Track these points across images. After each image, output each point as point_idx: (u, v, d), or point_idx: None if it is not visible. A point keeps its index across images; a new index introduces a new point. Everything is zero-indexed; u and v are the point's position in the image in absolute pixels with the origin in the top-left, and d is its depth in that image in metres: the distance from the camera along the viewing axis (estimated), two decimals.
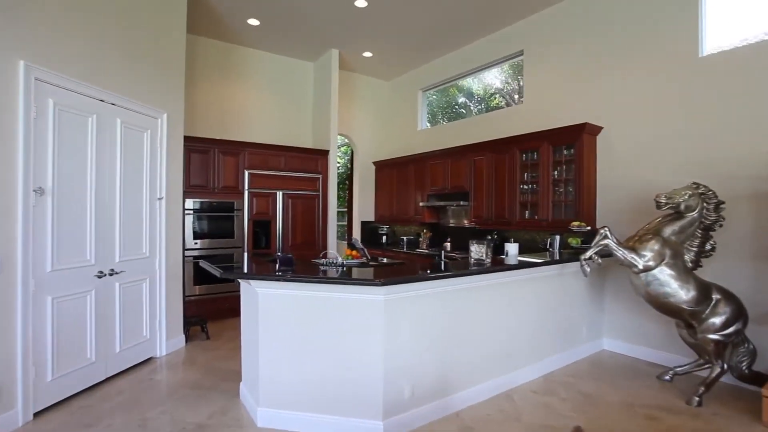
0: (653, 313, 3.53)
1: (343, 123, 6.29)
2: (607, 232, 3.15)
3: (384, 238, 6.67)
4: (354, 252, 4.22)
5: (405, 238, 6.12)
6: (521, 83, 6.50)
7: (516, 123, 4.86)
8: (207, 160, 4.79)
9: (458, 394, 2.70)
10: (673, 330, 3.40)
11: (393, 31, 5.10)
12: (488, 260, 2.80)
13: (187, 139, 4.20)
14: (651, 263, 2.87)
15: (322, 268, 2.69)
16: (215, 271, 2.26)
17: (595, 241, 3.13)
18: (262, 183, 5.18)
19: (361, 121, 6.74)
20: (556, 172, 4.20)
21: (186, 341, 3.90)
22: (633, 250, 2.93)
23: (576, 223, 3.68)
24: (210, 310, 4.70)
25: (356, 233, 6.86)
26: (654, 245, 2.89)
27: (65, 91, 2.65)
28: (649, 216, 3.56)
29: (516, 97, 6.10)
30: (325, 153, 5.68)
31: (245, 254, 4.90)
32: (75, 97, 2.73)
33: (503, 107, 5.90)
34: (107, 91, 3.00)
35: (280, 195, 5.31)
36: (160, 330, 3.55)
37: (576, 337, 3.67)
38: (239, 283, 2.75)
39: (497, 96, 6.35)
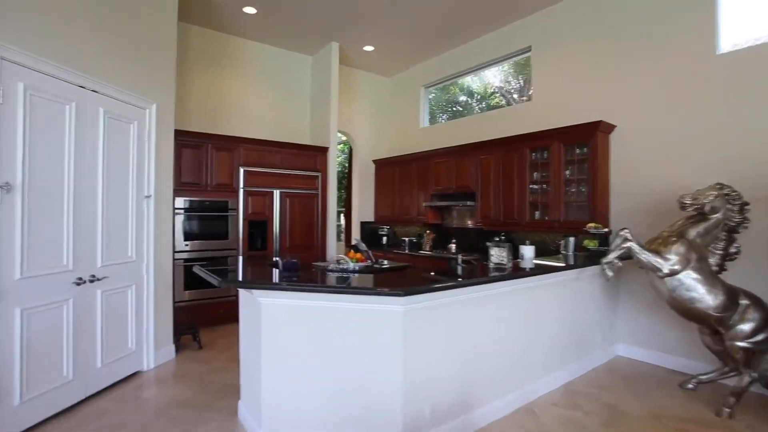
0: (671, 318, 3.37)
1: (342, 120, 6.02)
2: (627, 234, 2.97)
3: (384, 239, 6.42)
4: (358, 255, 3.97)
5: (407, 239, 5.88)
6: (522, 82, 6.35)
7: (524, 121, 4.66)
8: (199, 156, 4.49)
9: (479, 410, 2.46)
10: (692, 335, 3.24)
11: (397, 24, 4.86)
12: (509, 264, 2.57)
13: (178, 133, 3.90)
14: (677, 267, 2.70)
15: (331, 273, 2.43)
16: (212, 280, 1.99)
17: (615, 244, 2.97)
18: (258, 181, 4.89)
19: (361, 118, 6.48)
20: (568, 172, 4.00)
21: (176, 352, 3.60)
22: (657, 253, 2.76)
23: (592, 225, 3.48)
24: (202, 316, 4.40)
25: (355, 234, 6.59)
26: (679, 248, 2.71)
27: (39, 74, 2.35)
28: (665, 217, 3.40)
29: (515, 96, 5.93)
30: (324, 150, 5.41)
31: (240, 258, 4.60)
32: (51, 81, 2.43)
33: (503, 106, 5.70)
34: (89, 76, 2.70)
35: (277, 194, 5.03)
36: (148, 341, 3.25)
37: (592, 343, 3.48)
38: (237, 289, 2.47)
39: (497, 95, 6.14)
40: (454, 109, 6.68)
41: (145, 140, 3.27)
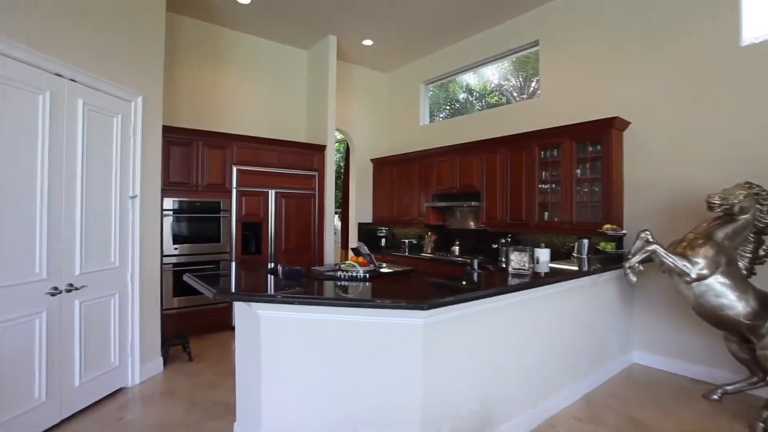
0: (691, 323, 3.21)
1: (338, 117, 5.77)
2: (649, 236, 2.79)
3: (383, 241, 6.19)
4: (360, 258, 3.73)
5: (407, 241, 5.66)
6: (522, 79, 6.18)
7: (530, 118, 4.47)
8: (189, 154, 4.22)
9: (499, 429, 2.25)
10: (714, 342, 3.08)
11: (397, 17, 4.64)
12: (530, 270, 2.36)
13: (166, 129, 3.63)
14: (705, 271, 2.53)
15: (338, 282, 2.19)
16: (206, 291, 1.74)
17: (636, 247, 2.80)
18: (253, 180, 4.63)
19: (358, 116, 6.25)
20: (579, 170, 3.82)
21: (164, 365, 3.33)
22: (684, 256, 2.58)
23: (609, 227, 3.29)
24: (192, 324, 4.12)
25: (353, 236, 6.35)
26: (708, 251, 2.54)
27: (5, 58, 2.08)
28: (682, 218, 3.25)
29: (515, 94, 5.75)
30: (321, 148, 5.16)
31: (233, 264, 4.33)
32: (20, 67, 2.16)
33: (503, 104, 5.52)
34: (66, 63, 2.43)
35: (272, 194, 4.77)
36: (133, 354, 2.98)
37: (609, 351, 3.30)
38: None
39: (497, 93, 5.96)
40: (453, 107, 6.47)
41: (130, 136, 3.00)
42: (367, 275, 2.25)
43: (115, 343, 2.83)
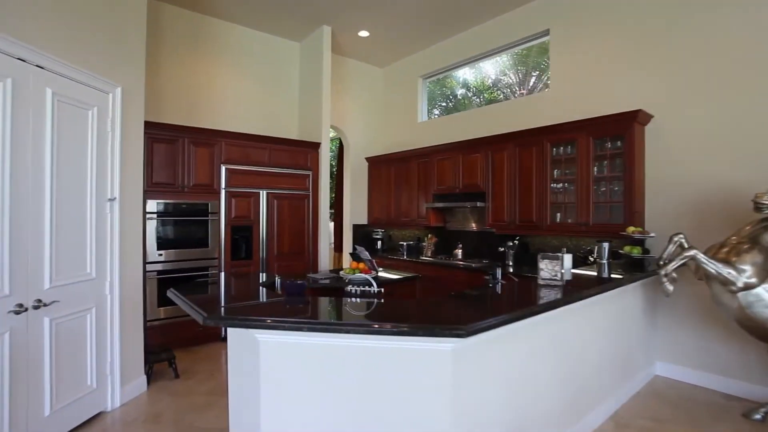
0: (724, 333, 3.02)
1: (332, 114, 5.48)
2: (683, 240, 2.60)
3: (379, 243, 5.94)
4: (360, 265, 3.48)
5: (405, 243, 5.41)
6: (521, 75, 6.00)
7: (539, 113, 4.26)
8: (175, 152, 3.90)
9: None
10: (752, 354, 2.88)
11: (396, 5, 4.38)
12: (562, 280, 2.15)
13: (149, 125, 3.32)
14: (753, 280, 2.32)
15: (350, 297, 1.93)
16: (196, 315, 1.47)
17: (669, 251, 2.64)
18: (243, 180, 4.33)
19: (353, 113, 5.98)
20: (596, 168, 3.62)
21: (148, 383, 3.02)
22: (728, 263, 2.37)
23: (634, 229, 3.10)
24: (179, 336, 3.81)
25: (347, 238, 6.09)
26: (756, 257, 2.33)
27: None
28: (710, 220, 3.06)
29: (516, 89, 5.57)
30: (315, 146, 4.89)
31: (222, 275, 4.02)
32: None
33: (501, 100, 5.33)
34: (32, 47, 2.11)
35: (263, 195, 4.47)
36: (113, 374, 2.67)
37: (634, 364, 3.08)
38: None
39: (494, 89, 5.76)
40: (449, 104, 6.25)
41: (107, 131, 2.69)
42: (382, 290, 2.00)
43: (92, 363, 2.52)
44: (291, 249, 4.68)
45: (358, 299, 1.90)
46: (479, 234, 4.81)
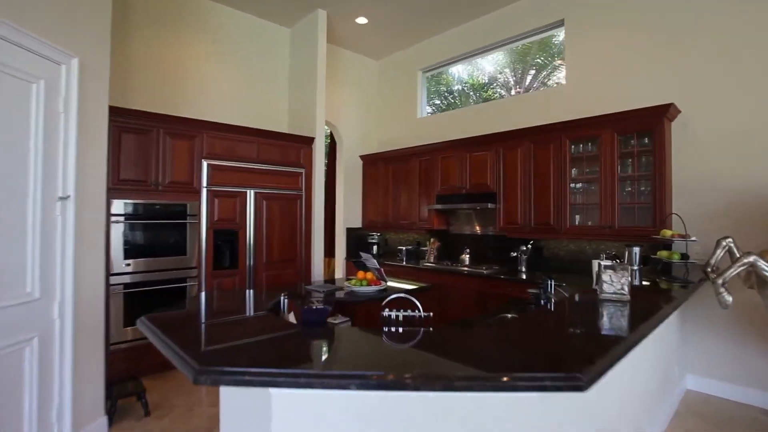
0: (762, 344, 2.74)
1: (325, 108, 5.03)
2: (732, 244, 2.29)
3: (375, 248, 5.47)
4: (368, 274, 3.02)
5: (404, 248, 4.98)
6: (521, 72, 5.69)
7: (553, 108, 3.93)
8: (147, 144, 3.34)
9: None
10: None
11: None
12: (628, 295, 1.75)
13: (117, 111, 2.78)
14: None
15: (390, 326, 1.46)
16: (184, 367, 0.97)
17: (716, 256, 2.32)
18: (228, 178, 3.79)
19: (347, 107, 5.52)
20: (619, 167, 3.30)
21: (110, 425, 2.46)
22: None
23: (671, 233, 2.76)
24: (151, 360, 3.23)
25: (340, 243, 5.61)
26: None
27: None
28: (745, 222, 2.85)
29: (512, 85, 5.24)
30: (309, 141, 4.39)
31: (203, 293, 3.48)
32: None
33: (496, 98, 4.98)
34: None
35: (251, 195, 3.95)
36: (60, 421, 2.10)
37: (671, 380, 2.77)
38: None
39: (489, 87, 5.41)
40: (444, 101, 5.85)
41: (59, 112, 2.14)
42: (431, 315, 1.53)
43: (31, 408, 1.95)
44: (281, 256, 4.16)
45: (400, 327, 1.44)
46: (486, 238, 4.43)
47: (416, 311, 1.47)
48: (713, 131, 3.03)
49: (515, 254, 3.95)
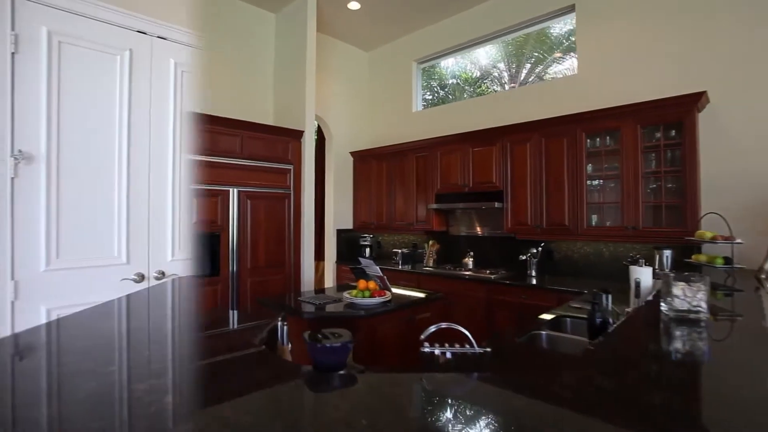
0: None
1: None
2: None
3: (367, 251, 5.13)
4: (371, 283, 2.67)
5: (400, 251, 4.65)
6: (516, 66, 5.45)
7: (564, 100, 3.68)
8: None
9: None
10: None
11: None
12: (707, 313, 1.46)
13: None
14: None
15: (432, 353, 1.11)
16: None
17: None
18: (209, 175, 3.38)
19: (337, 100, 5.16)
20: (643, 162, 3.05)
21: None
22: None
23: (711, 234, 2.52)
24: None
25: (330, 245, 5.24)
26: None
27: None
28: None
29: (508, 82, 5.00)
30: (298, 134, 4.01)
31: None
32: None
33: (499, 91, 4.73)
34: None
35: (234, 193, 3.55)
36: None
37: None
38: None
39: (487, 80, 5.16)
40: (438, 96, 5.56)
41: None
42: (488, 350, 1.18)
43: None
44: (268, 261, 3.77)
45: (455, 372, 1.08)
46: (491, 240, 4.15)
47: (466, 345, 1.12)
48: (747, 122, 2.81)
49: (524, 257, 3.68)
